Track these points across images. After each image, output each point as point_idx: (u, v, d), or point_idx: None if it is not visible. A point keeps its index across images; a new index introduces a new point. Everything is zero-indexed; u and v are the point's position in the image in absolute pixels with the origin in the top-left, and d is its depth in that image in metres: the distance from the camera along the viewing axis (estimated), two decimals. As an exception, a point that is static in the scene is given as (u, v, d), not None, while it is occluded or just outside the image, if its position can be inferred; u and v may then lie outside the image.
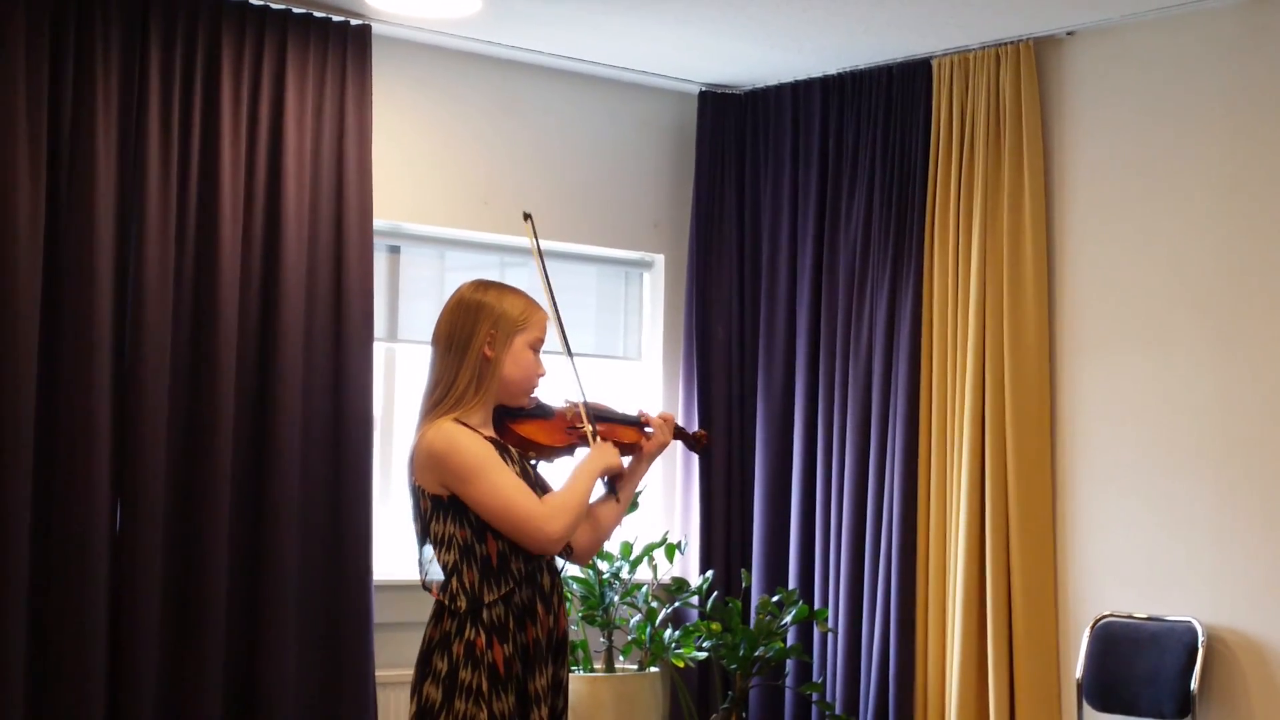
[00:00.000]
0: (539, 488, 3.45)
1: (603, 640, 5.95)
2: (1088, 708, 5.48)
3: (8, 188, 4.93)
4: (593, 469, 3.46)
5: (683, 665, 5.91)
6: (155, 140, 5.20)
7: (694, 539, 6.44)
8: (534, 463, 3.49)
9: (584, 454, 3.54)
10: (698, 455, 6.34)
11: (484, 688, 3.31)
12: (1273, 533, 5.21)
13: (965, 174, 5.89)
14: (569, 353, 3.57)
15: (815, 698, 6.03)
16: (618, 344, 6.75)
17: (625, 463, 3.58)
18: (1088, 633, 5.51)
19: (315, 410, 5.46)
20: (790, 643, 6.04)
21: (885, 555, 5.97)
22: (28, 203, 4.96)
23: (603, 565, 5.94)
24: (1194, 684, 5.22)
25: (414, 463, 3.38)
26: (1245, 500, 5.28)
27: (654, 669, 6.01)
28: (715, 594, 6.11)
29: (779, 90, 6.53)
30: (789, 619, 5.88)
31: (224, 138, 5.32)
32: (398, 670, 5.58)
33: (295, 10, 5.51)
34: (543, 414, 3.53)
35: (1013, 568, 5.65)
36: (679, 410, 6.55)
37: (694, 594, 6.04)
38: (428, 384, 3.44)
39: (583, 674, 5.84)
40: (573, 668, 5.80)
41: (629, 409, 3.69)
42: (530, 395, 3.51)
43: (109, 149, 5.12)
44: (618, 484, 3.57)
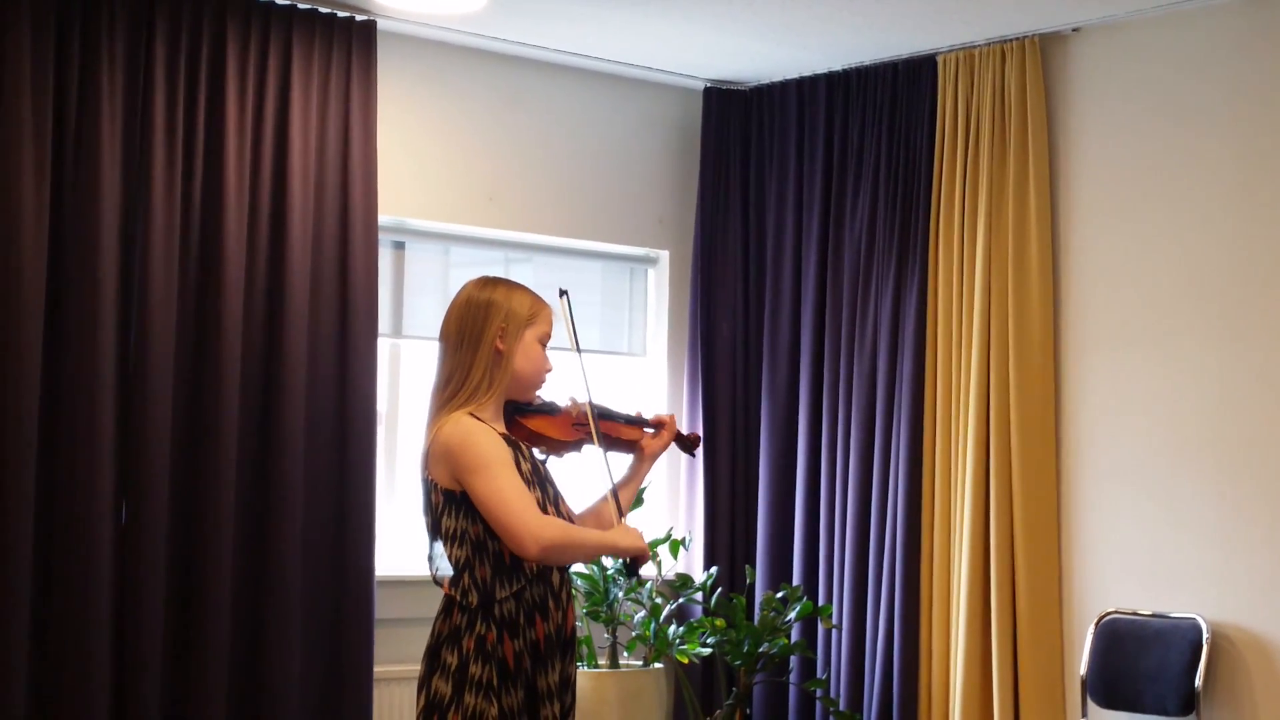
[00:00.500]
0: (548, 483, 3.45)
1: (607, 636, 5.96)
2: (1092, 704, 5.48)
3: (12, 182, 4.93)
4: (612, 540, 3.44)
5: (687, 661, 5.91)
6: (160, 136, 5.20)
7: (698, 535, 6.44)
8: (544, 458, 3.49)
9: (590, 451, 3.54)
10: (689, 455, 6.33)
11: (494, 682, 3.30)
12: (1278, 530, 5.21)
13: (970, 170, 5.88)
14: (594, 410, 3.57)
15: (819, 694, 6.03)
16: (622, 340, 6.74)
17: (627, 460, 3.62)
18: (1092, 629, 5.51)
19: (319, 406, 5.46)
20: (794, 639, 6.05)
21: (890, 551, 5.97)
22: (32, 198, 4.96)
23: (607, 561, 5.94)
24: (1198, 681, 5.22)
25: (428, 456, 3.37)
26: (1250, 497, 5.27)
27: (658, 665, 6.02)
28: (719, 590, 6.11)
29: (784, 86, 6.53)
30: (793, 615, 5.88)
31: (229, 133, 5.32)
32: (397, 666, 5.58)
33: (301, 5, 5.51)
34: (549, 410, 3.53)
35: (1017, 564, 5.64)
36: (683, 406, 6.55)
37: (698, 590, 6.04)
38: (438, 380, 3.42)
39: (587, 670, 5.84)
40: (577, 663, 5.80)
41: (630, 410, 3.69)
42: (539, 390, 3.51)
43: (114, 145, 5.12)
44: (620, 486, 3.58)
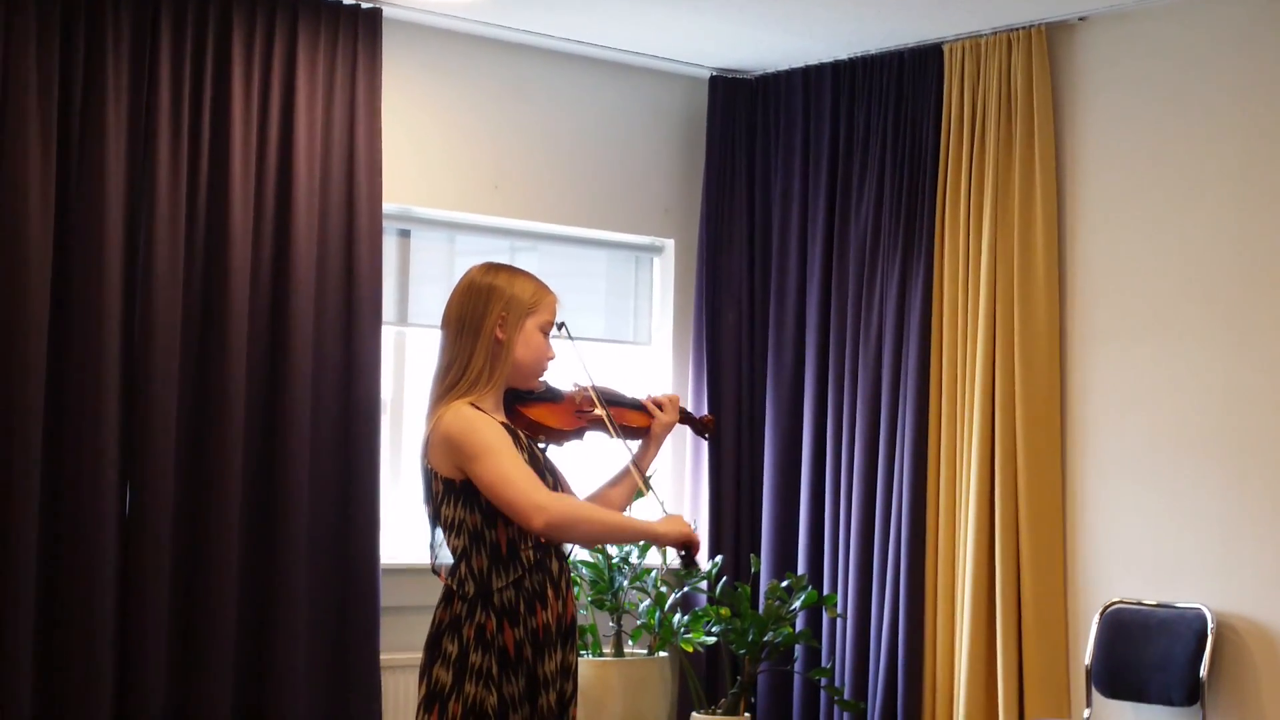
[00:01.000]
0: (548, 472, 3.44)
1: (612, 625, 5.96)
2: (1097, 694, 5.48)
3: (18, 173, 4.93)
4: (654, 530, 3.41)
5: (691, 650, 5.92)
6: (166, 124, 5.20)
7: (703, 524, 6.44)
8: (543, 447, 3.49)
9: (594, 438, 3.54)
10: (705, 440, 6.34)
11: (494, 671, 3.31)
12: (1283, 520, 5.21)
13: (976, 160, 5.87)
14: (617, 435, 3.55)
15: (824, 683, 6.03)
16: (628, 329, 6.74)
17: (634, 445, 3.60)
18: (1097, 619, 5.51)
19: (324, 395, 5.47)
20: (799, 628, 6.05)
21: (894, 541, 5.97)
22: (38, 187, 4.96)
23: (612, 550, 5.94)
24: (1203, 671, 5.21)
25: (428, 445, 3.36)
26: (1255, 487, 5.27)
27: (663, 654, 6.02)
28: (724, 579, 6.11)
29: (790, 75, 6.52)
30: (798, 604, 5.89)
31: (234, 122, 5.32)
32: (404, 654, 5.59)
33: (306, -7, 5.52)
34: (552, 397, 3.52)
35: (1022, 553, 5.64)
36: (689, 395, 6.55)
37: (703, 579, 6.04)
38: (439, 367, 3.41)
39: (592, 658, 5.85)
40: (582, 652, 5.81)
41: (636, 393, 3.69)
42: (540, 378, 3.51)
43: (119, 134, 5.12)
44: (624, 475, 3.59)
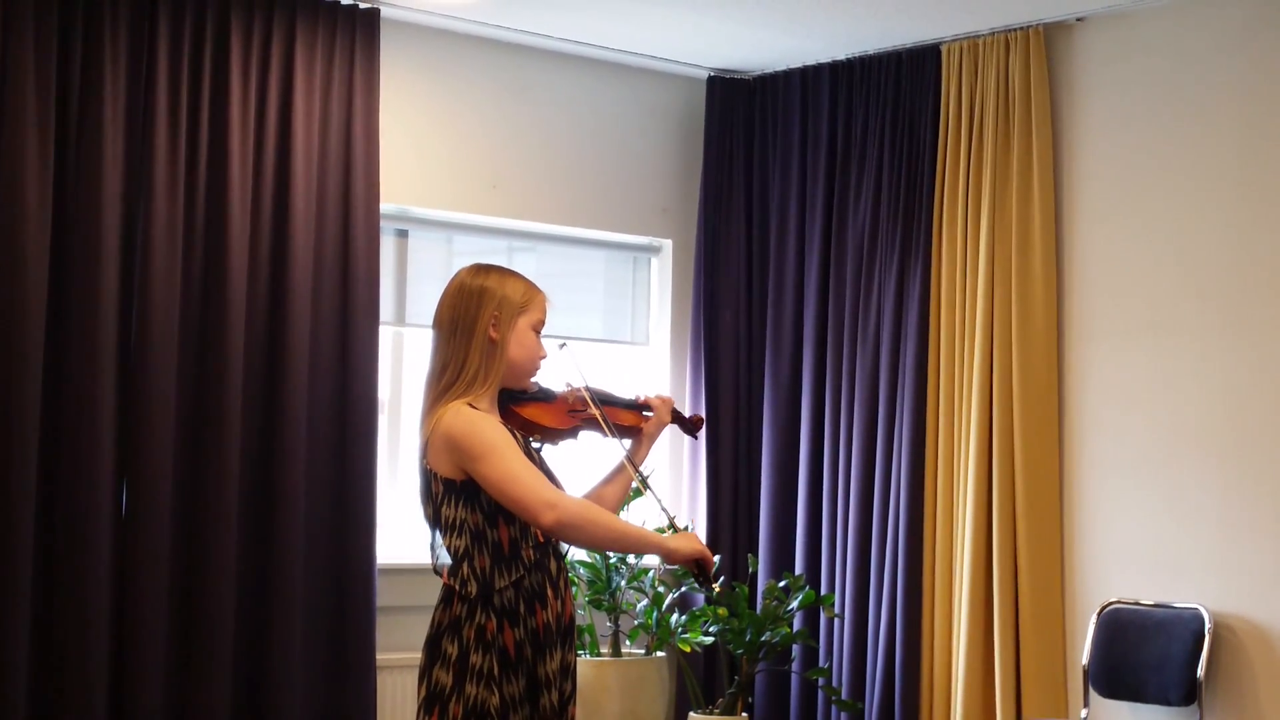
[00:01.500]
0: (543, 471, 3.44)
1: (609, 625, 5.96)
2: (1094, 694, 5.48)
3: (16, 169, 4.93)
4: (665, 544, 3.47)
5: (689, 650, 5.91)
6: (163, 123, 5.20)
7: (701, 524, 6.44)
8: (538, 446, 3.49)
9: (587, 437, 3.54)
10: (692, 438, 6.33)
11: (495, 671, 3.31)
12: (1280, 520, 5.21)
13: (974, 160, 5.87)
14: (640, 477, 3.60)
15: (821, 683, 6.03)
16: (625, 329, 6.74)
17: (627, 445, 3.62)
18: (1094, 619, 5.51)
19: (321, 393, 5.47)
20: (796, 628, 6.05)
21: (892, 541, 5.97)
22: (36, 184, 4.96)
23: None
24: (1200, 671, 5.21)
25: (428, 446, 3.36)
26: (1253, 488, 5.27)
27: (660, 653, 6.02)
28: (722, 578, 6.11)
29: (788, 75, 6.52)
30: (795, 604, 5.89)
31: (232, 121, 5.32)
32: (400, 654, 5.59)
33: (304, -7, 5.52)
34: (545, 397, 3.53)
35: (1020, 553, 5.64)
36: (686, 395, 6.55)
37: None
38: (433, 368, 3.41)
39: (589, 658, 5.85)
40: (579, 652, 5.81)
41: (628, 393, 3.69)
42: (533, 377, 3.51)
43: (116, 133, 5.12)
44: (618, 472, 3.60)
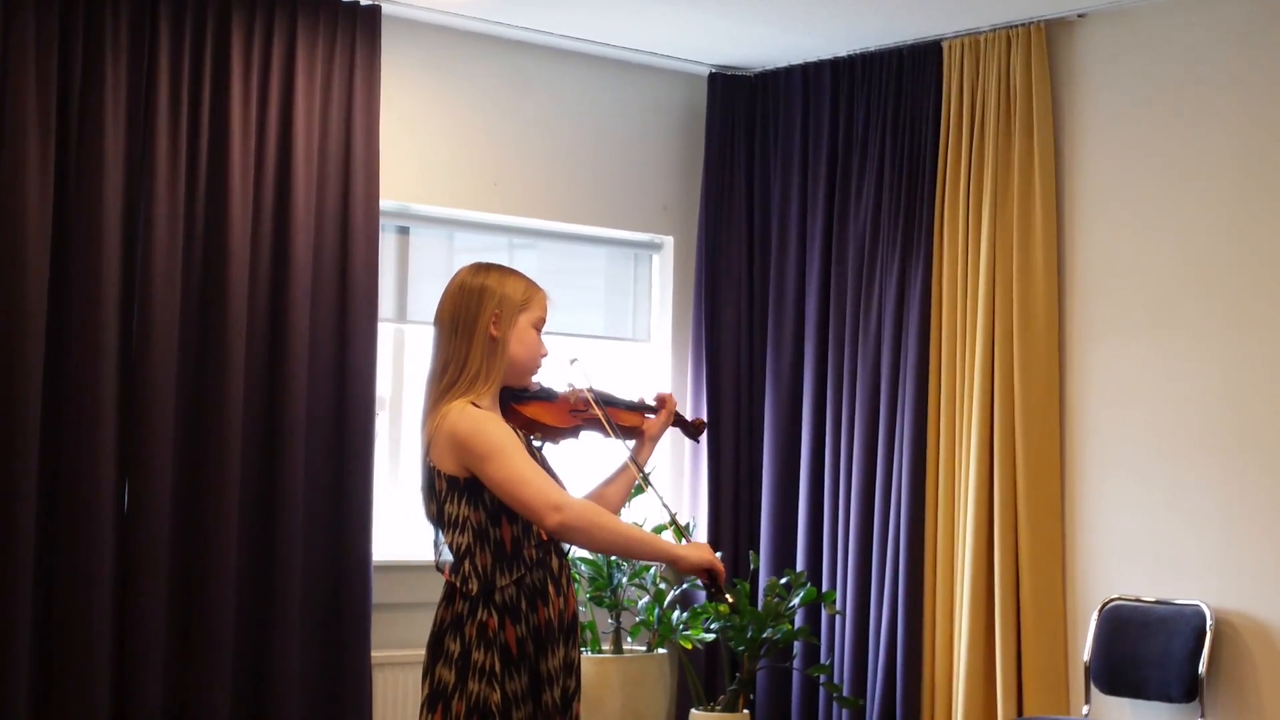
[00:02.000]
0: (546, 469, 3.44)
1: (611, 621, 5.96)
2: (1095, 690, 5.48)
3: (17, 166, 4.94)
4: (673, 552, 3.46)
5: (690, 647, 5.92)
6: (164, 121, 5.20)
7: (702, 521, 6.44)
8: (540, 445, 3.49)
9: (588, 437, 3.54)
10: (694, 442, 6.33)
11: (497, 668, 3.31)
12: (1282, 517, 5.21)
13: (975, 157, 5.87)
14: (644, 478, 3.60)
15: (823, 679, 6.03)
16: (626, 326, 6.74)
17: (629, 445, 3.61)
18: (1096, 616, 5.51)
19: (320, 390, 5.47)
20: (798, 625, 6.05)
21: (893, 537, 5.97)
22: (36, 182, 4.96)
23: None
24: (1202, 667, 5.22)
25: (432, 443, 3.35)
26: (1254, 484, 5.27)
27: (662, 650, 6.03)
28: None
29: (789, 72, 6.52)
30: (797, 601, 5.89)
31: (233, 118, 5.32)
32: (396, 651, 5.59)
33: (305, -10, 5.52)
34: (546, 396, 3.53)
35: (1021, 550, 5.65)
36: (688, 392, 6.55)
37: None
38: (434, 366, 3.41)
39: (591, 655, 5.85)
40: (581, 648, 5.80)
41: (630, 394, 3.69)
42: (534, 376, 3.51)
43: (117, 130, 5.12)
44: (621, 473, 3.60)
